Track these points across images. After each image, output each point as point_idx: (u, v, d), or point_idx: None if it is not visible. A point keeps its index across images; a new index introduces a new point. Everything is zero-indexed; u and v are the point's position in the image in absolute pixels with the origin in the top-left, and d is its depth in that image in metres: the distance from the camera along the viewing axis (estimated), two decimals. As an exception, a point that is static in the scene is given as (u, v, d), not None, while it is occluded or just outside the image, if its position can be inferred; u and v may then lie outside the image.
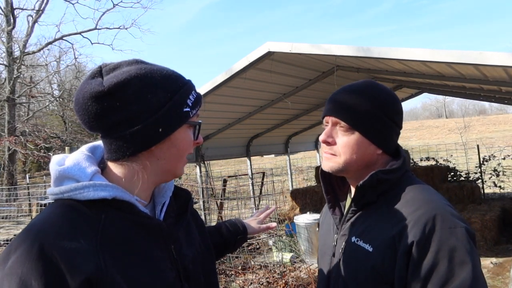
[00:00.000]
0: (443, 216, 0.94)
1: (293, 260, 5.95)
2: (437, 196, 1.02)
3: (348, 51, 4.13)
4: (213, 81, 5.36)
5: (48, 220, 0.78)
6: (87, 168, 0.83)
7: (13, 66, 19.86)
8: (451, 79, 5.03)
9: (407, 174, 1.08)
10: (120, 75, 0.80)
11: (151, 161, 0.86)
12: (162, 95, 0.83)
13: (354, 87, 1.09)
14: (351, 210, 1.08)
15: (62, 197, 0.81)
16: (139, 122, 0.81)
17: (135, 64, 0.85)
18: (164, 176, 0.90)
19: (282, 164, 14.53)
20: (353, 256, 1.04)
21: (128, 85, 0.80)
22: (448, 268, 0.89)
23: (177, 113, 0.85)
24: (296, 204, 8.75)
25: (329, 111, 1.08)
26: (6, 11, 19.89)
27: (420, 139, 32.12)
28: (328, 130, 1.07)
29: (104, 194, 0.80)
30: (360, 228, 1.05)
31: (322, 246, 1.25)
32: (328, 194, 1.18)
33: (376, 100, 1.05)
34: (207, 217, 7.41)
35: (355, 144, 1.04)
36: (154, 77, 0.83)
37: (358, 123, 1.03)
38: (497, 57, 3.17)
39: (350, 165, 1.05)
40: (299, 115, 8.33)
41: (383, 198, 1.05)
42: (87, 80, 0.82)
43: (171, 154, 0.87)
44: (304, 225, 6.10)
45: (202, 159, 7.66)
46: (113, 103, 0.79)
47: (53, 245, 0.73)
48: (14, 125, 19.91)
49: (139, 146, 0.83)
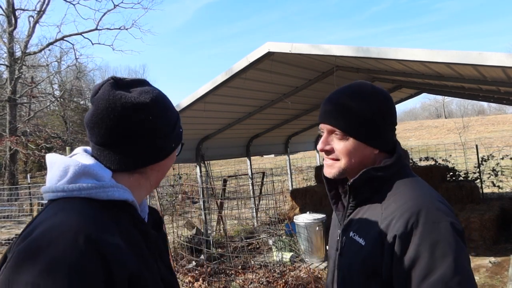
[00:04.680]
0: (428, 210, 0.96)
1: (293, 260, 5.97)
2: (427, 191, 1.04)
3: (347, 51, 4.15)
4: (213, 81, 5.38)
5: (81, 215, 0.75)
6: (106, 169, 0.85)
7: (15, 66, 19.89)
8: (450, 79, 5.06)
9: (403, 170, 1.10)
10: (151, 92, 0.88)
11: (153, 172, 0.92)
12: (174, 113, 0.95)
13: (346, 91, 1.12)
14: (350, 206, 1.13)
15: (79, 195, 0.79)
16: (163, 136, 0.89)
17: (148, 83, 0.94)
18: (154, 187, 0.95)
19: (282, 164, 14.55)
20: (350, 250, 1.10)
21: (159, 102, 0.88)
22: (429, 261, 0.91)
23: (180, 131, 0.98)
24: (296, 204, 8.77)
25: (324, 119, 1.12)
26: (7, 11, 19.93)
27: (419, 139, 32.11)
28: (325, 138, 1.12)
29: (128, 196, 0.83)
30: (357, 224, 1.10)
31: (330, 241, 1.31)
32: (331, 191, 1.22)
33: (367, 104, 1.08)
34: (207, 217, 7.43)
35: (352, 149, 1.08)
36: (168, 99, 0.94)
37: (351, 130, 1.07)
38: (496, 57, 3.19)
39: (350, 168, 1.10)
40: (299, 115, 8.35)
41: (377, 194, 1.08)
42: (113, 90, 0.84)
43: (166, 167, 0.95)
44: (304, 224, 6.12)
45: (202, 159, 7.68)
46: (147, 116, 0.85)
47: (99, 238, 0.71)
48: (16, 125, 19.95)
49: (156, 159, 0.89)
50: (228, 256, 5.90)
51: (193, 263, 6.15)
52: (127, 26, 27.72)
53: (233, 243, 6.76)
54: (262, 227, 8.22)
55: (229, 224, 8.78)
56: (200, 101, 5.63)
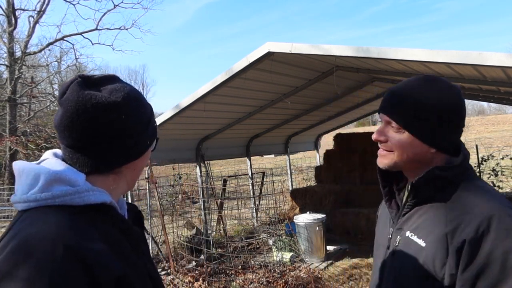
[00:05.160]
0: (500, 217, 0.92)
1: (293, 260, 5.97)
2: (496, 196, 1.00)
3: (347, 51, 4.15)
4: (213, 81, 5.38)
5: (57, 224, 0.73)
6: (79, 173, 0.82)
7: (15, 66, 19.89)
8: (450, 79, 5.05)
9: (468, 172, 1.06)
10: (122, 89, 0.84)
11: (129, 171, 0.90)
12: (148, 110, 0.91)
13: (410, 85, 1.07)
14: (407, 205, 1.09)
15: (53, 203, 0.75)
16: (137, 135, 0.86)
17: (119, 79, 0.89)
18: (129, 186, 0.94)
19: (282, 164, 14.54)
20: (406, 250, 1.05)
21: (131, 99, 0.85)
22: (500, 270, 0.87)
23: (155, 127, 0.95)
24: (296, 204, 8.77)
25: (382, 108, 1.10)
26: (7, 11, 19.93)
27: (420, 139, 32.05)
28: (381, 128, 1.10)
29: (105, 198, 0.80)
30: (415, 223, 1.06)
31: (378, 238, 1.27)
32: (384, 188, 1.19)
33: (431, 99, 1.02)
34: (207, 217, 7.43)
35: (406, 143, 1.04)
36: (141, 94, 0.91)
37: (408, 124, 1.03)
38: (496, 57, 3.18)
39: (403, 162, 1.07)
40: (299, 115, 8.35)
41: (441, 194, 1.04)
42: (82, 90, 0.80)
43: (141, 164, 0.93)
44: (304, 224, 6.12)
45: (202, 159, 7.68)
46: (120, 115, 0.82)
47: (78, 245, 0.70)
48: (16, 125, 19.95)
49: (131, 158, 0.87)
50: (228, 256, 5.90)
51: (193, 263, 6.15)
52: (127, 26, 27.68)
53: (233, 243, 6.76)
54: (262, 227, 8.22)
55: (229, 224, 8.78)
56: (200, 101, 5.63)
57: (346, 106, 8.94)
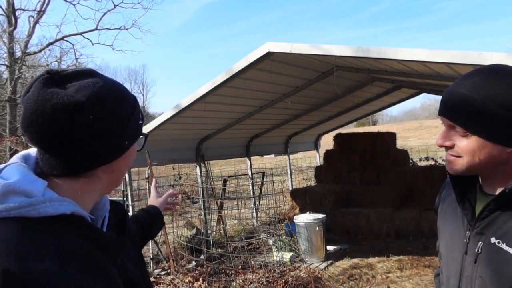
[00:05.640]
0: None
1: (293, 260, 5.97)
2: None
3: (347, 51, 4.15)
4: (213, 81, 5.38)
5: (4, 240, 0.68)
6: (38, 181, 0.75)
7: (15, 66, 19.90)
8: (450, 79, 5.06)
9: None
10: (91, 86, 0.77)
11: (106, 173, 0.83)
12: (127, 107, 0.83)
13: (472, 79, 0.95)
14: (488, 209, 0.96)
15: (8, 215, 0.70)
16: (110, 136, 0.79)
17: (95, 75, 0.81)
18: (110, 188, 0.88)
19: (282, 164, 14.54)
20: (495, 259, 0.94)
21: (101, 98, 0.77)
22: None
23: (137, 125, 0.86)
24: (296, 204, 8.77)
25: (442, 112, 0.99)
26: (7, 11, 19.94)
27: (419, 139, 32.11)
28: (445, 133, 0.99)
29: (64, 209, 0.74)
30: (501, 229, 0.94)
31: (448, 238, 1.14)
32: (456, 188, 1.06)
33: (496, 96, 0.89)
34: (207, 217, 7.43)
35: (475, 148, 0.93)
36: (118, 90, 0.83)
37: (475, 127, 0.91)
38: (496, 57, 3.19)
39: (474, 167, 0.96)
40: (299, 115, 8.35)
41: None
42: (44, 88, 0.73)
43: (124, 166, 0.87)
44: (304, 224, 6.12)
45: (202, 159, 7.68)
46: (87, 116, 0.75)
47: (20, 268, 0.65)
48: (16, 125, 19.94)
49: (105, 160, 0.80)
50: (228, 256, 5.90)
51: (193, 263, 6.16)
52: (127, 26, 27.68)
53: (233, 243, 6.76)
54: (262, 227, 8.22)
55: (229, 224, 8.78)
56: (200, 101, 5.63)
57: (346, 106, 8.94)
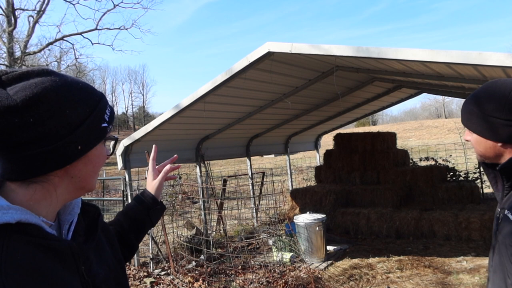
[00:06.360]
0: None
1: (293, 260, 5.97)
2: None
3: (347, 51, 4.15)
4: (213, 81, 5.38)
5: None
6: None
7: (14, 66, 19.89)
8: (450, 79, 5.06)
9: None
10: (33, 87, 0.73)
11: (64, 179, 0.80)
12: (81, 110, 0.79)
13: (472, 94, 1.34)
14: (505, 188, 1.29)
15: None
16: (56, 140, 0.75)
17: (46, 75, 0.77)
18: (76, 193, 0.85)
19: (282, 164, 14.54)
20: (504, 226, 1.24)
21: (44, 99, 0.73)
22: None
23: (96, 129, 0.82)
24: (296, 204, 8.77)
25: (461, 119, 1.39)
26: (7, 11, 19.94)
27: (420, 139, 32.11)
28: (467, 132, 1.38)
29: (7, 218, 0.71)
30: None
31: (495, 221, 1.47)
32: (489, 174, 1.39)
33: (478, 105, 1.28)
34: (207, 217, 7.43)
35: (475, 142, 1.33)
36: (72, 91, 0.78)
37: (471, 128, 1.32)
38: (496, 57, 3.19)
39: (483, 156, 1.33)
40: (299, 115, 8.35)
41: None
42: None
43: (86, 171, 0.83)
44: (304, 224, 6.12)
45: (202, 159, 7.68)
46: (26, 119, 0.71)
47: None
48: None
49: (53, 165, 0.76)
50: (228, 256, 5.90)
51: (193, 263, 6.16)
52: (127, 26, 27.75)
53: (233, 243, 6.76)
54: (262, 227, 8.22)
55: (229, 224, 8.78)
56: (200, 101, 5.63)
57: (346, 106, 8.94)
